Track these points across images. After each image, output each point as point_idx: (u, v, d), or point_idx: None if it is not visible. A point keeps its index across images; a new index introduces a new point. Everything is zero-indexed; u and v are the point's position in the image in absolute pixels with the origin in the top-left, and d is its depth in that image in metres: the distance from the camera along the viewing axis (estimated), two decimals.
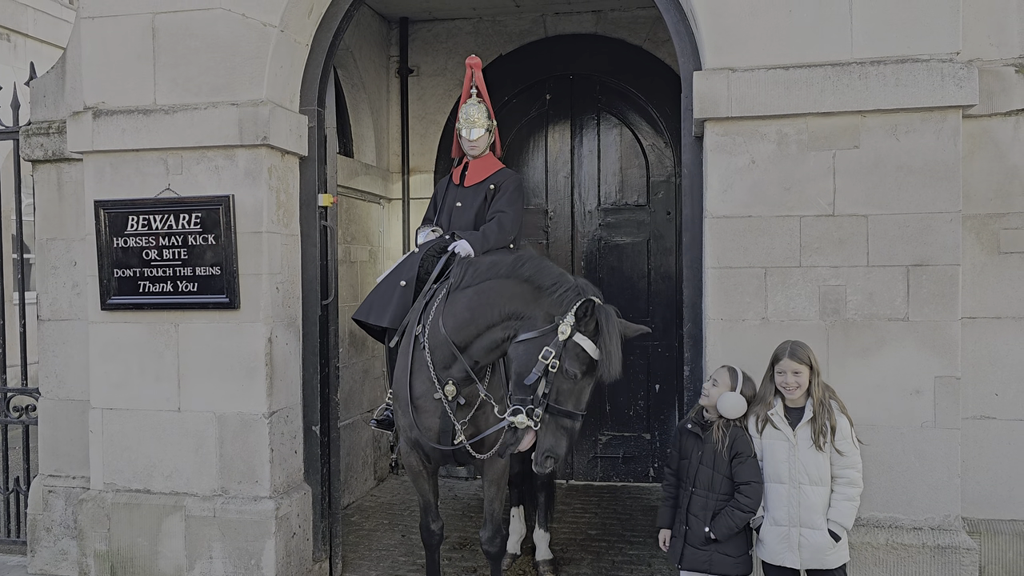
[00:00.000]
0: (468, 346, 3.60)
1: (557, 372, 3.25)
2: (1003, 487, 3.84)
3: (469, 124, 4.48)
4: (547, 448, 3.27)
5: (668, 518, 3.50)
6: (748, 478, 3.28)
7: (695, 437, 3.41)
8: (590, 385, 3.33)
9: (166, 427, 4.33)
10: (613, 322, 3.27)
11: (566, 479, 6.45)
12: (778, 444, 3.28)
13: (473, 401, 3.72)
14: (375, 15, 6.63)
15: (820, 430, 3.22)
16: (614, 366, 3.24)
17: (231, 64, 4.21)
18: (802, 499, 3.22)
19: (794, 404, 3.30)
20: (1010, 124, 3.80)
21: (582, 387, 3.31)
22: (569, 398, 3.28)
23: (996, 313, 3.82)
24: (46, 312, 4.78)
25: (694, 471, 3.37)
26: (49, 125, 4.71)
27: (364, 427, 6.32)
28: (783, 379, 3.28)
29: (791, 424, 3.27)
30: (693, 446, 3.40)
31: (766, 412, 3.31)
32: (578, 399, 3.30)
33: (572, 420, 3.28)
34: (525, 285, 3.47)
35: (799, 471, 3.23)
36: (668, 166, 6.39)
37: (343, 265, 5.78)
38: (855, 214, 3.66)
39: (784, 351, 3.31)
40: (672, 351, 6.30)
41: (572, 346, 3.25)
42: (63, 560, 4.73)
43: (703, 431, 3.38)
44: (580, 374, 3.26)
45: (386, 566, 4.85)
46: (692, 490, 3.36)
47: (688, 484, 3.38)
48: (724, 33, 3.76)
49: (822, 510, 3.23)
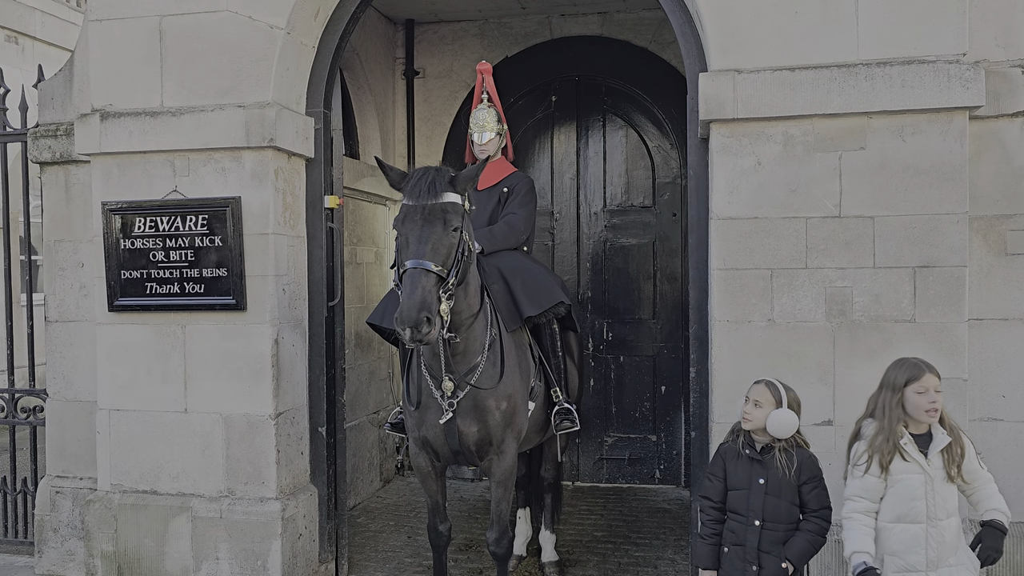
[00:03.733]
0: None
1: (397, 239, 3.44)
2: (1010, 489, 3.79)
3: (479, 128, 4.50)
4: (396, 314, 3.24)
5: (712, 558, 3.13)
6: (824, 503, 3.04)
7: (753, 463, 3.08)
8: (414, 229, 3.34)
9: (173, 428, 4.35)
10: (422, 168, 3.49)
11: (572, 481, 6.45)
12: (912, 478, 2.86)
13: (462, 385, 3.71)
14: (381, 17, 6.64)
15: (954, 457, 2.87)
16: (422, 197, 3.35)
17: (238, 66, 4.23)
18: (941, 537, 2.87)
19: (919, 430, 2.92)
20: (1017, 125, 3.78)
21: (407, 235, 3.35)
22: (404, 251, 3.35)
23: (1003, 315, 3.81)
24: (53, 313, 4.80)
25: (759, 502, 3.04)
26: (57, 127, 4.73)
27: (370, 428, 6.33)
28: (926, 399, 2.85)
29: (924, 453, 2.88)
30: (752, 474, 3.08)
31: (896, 441, 2.87)
32: (407, 248, 3.32)
33: (406, 271, 3.25)
34: None
35: (938, 506, 2.86)
36: (674, 168, 6.39)
37: (349, 266, 5.80)
38: (861, 215, 3.65)
39: (921, 368, 2.90)
40: (678, 353, 6.30)
41: (400, 208, 3.47)
42: (70, 561, 4.75)
43: (762, 455, 3.07)
44: (400, 223, 3.39)
45: (392, 567, 4.86)
46: (761, 524, 3.03)
47: (753, 517, 3.03)
48: (730, 35, 3.76)
49: (955, 547, 2.91)
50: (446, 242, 3.36)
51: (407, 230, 3.36)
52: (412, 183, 3.43)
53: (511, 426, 3.84)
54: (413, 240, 3.33)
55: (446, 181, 3.44)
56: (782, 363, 3.71)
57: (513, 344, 3.94)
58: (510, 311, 3.99)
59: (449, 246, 3.38)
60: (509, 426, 3.83)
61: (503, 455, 3.84)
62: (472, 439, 3.77)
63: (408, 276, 3.25)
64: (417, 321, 3.15)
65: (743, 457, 3.12)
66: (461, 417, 3.71)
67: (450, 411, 3.67)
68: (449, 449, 3.82)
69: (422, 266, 3.25)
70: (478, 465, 3.97)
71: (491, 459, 3.84)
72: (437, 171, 3.46)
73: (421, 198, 3.38)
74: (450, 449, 3.81)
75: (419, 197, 3.38)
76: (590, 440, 6.45)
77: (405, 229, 3.37)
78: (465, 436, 3.76)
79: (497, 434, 3.78)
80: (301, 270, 4.49)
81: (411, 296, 3.18)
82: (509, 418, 3.82)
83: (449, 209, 3.40)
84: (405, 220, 3.38)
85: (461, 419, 3.71)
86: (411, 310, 3.16)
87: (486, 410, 3.74)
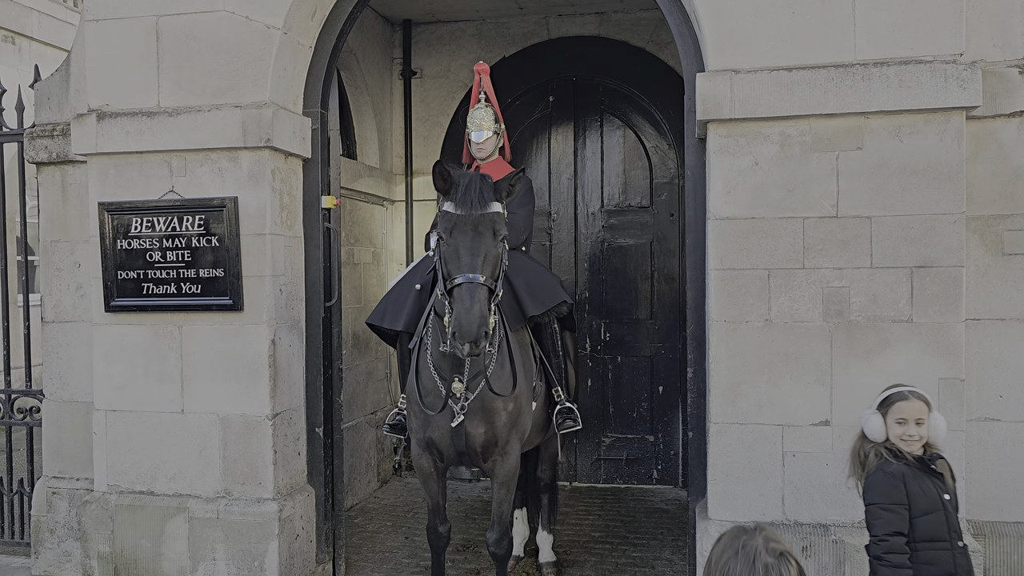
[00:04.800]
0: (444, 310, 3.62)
1: (438, 245, 3.37)
2: (1008, 489, 3.83)
3: (476, 127, 4.50)
4: (451, 325, 3.23)
5: None
6: None
7: (934, 480, 2.83)
8: (464, 241, 3.30)
9: (170, 429, 4.34)
10: (465, 175, 3.38)
11: (569, 481, 6.45)
12: None
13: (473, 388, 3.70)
14: (378, 17, 6.64)
15: None
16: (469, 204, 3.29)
17: (235, 66, 4.22)
18: None
19: None
20: (1014, 125, 3.79)
21: (456, 247, 3.30)
22: (453, 263, 3.30)
23: (1000, 315, 3.81)
24: (50, 314, 4.79)
25: (953, 520, 2.81)
26: (53, 127, 4.72)
27: (367, 429, 6.33)
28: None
29: None
30: (933, 491, 2.81)
31: None
32: (458, 260, 3.28)
33: (459, 287, 3.22)
34: None
35: None
36: (671, 168, 6.39)
37: (346, 267, 5.79)
38: (858, 216, 3.65)
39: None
40: (675, 353, 6.30)
41: (441, 215, 3.38)
42: (67, 562, 4.74)
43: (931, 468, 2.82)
44: (446, 233, 3.32)
45: (389, 568, 4.85)
46: (960, 544, 2.81)
47: (955, 538, 2.80)
48: (727, 35, 3.76)
49: None
50: (494, 253, 3.36)
51: (458, 241, 3.31)
52: (461, 192, 3.35)
53: (516, 427, 3.86)
54: (465, 252, 3.28)
55: (492, 190, 3.40)
56: (779, 363, 3.72)
57: (517, 344, 3.94)
58: (513, 311, 4.00)
59: (496, 257, 3.38)
60: (514, 427, 3.85)
61: (507, 456, 3.86)
62: (479, 441, 3.79)
63: (465, 291, 3.22)
64: (477, 336, 3.18)
65: (922, 475, 2.79)
66: (469, 419, 3.71)
67: (462, 414, 3.68)
68: (455, 450, 3.82)
69: (476, 280, 3.23)
70: (481, 466, 3.97)
71: (495, 460, 3.85)
72: (482, 179, 3.41)
73: (472, 208, 3.31)
74: (456, 450, 3.82)
75: (469, 207, 3.32)
76: (588, 440, 6.45)
77: (455, 240, 3.31)
78: (472, 438, 3.77)
79: (503, 435, 3.80)
80: (298, 270, 4.49)
81: (470, 311, 3.18)
82: (515, 419, 3.84)
83: (496, 219, 3.37)
84: (454, 230, 3.31)
85: (469, 421, 3.72)
86: (471, 325, 3.16)
87: (494, 412, 3.76)
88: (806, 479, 3.70)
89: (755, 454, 3.74)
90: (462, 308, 3.19)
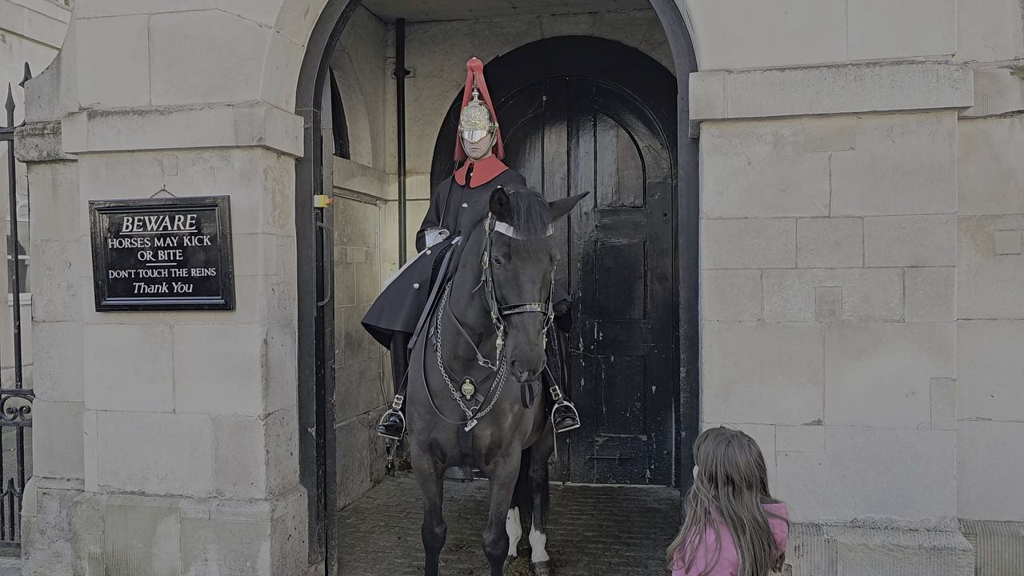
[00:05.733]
0: (465, 317, 3.62)
1: (490, 267, 3.28)
2: (999, 488, 3.84)
3: (471, 126, 4.49)
4: (510, 353, 3.19)
5: None
6: None
7: None
8: (526, 269, 3.24)
9: (161, 429, 4.32)
10: (523, 196, 3.29)
11: (562, 480, 6.44)
12: None
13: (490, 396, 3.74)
14: (371, 16, 6.62)
15: None
16: (535, 234, 3.22)
17: (227, 65, 4.20)
18: None
19: None
20: (1005, 126, 3.80)
21: (515, 273, 3.23)
22: (511, 289, 3.24)
23: (991, 314, 3.83)
24: (41, 313, 4.76)
25: None
26: (44, 126, 4.70)
27: (360, 429, 6.31)
28: None
29: None
30: None
31: None
32: (519, 288, 3.22)
33: (520, 316, 3.18)
34: (476, 230, 3.56)
35: None
36: (664, 168, 6.39)
37: (339, 266, 5.78)
38: (851, 215, 3.66)
39: None
40: (668, 352, 6.30)
41: (495, 236, 3.29)
42: (57, 563, 4.71)
43: None
44: (503, 257, 3.24)
45: (382, 568, 4.84)
46: None
47: None
48: (720, 35, 3.76)
49: None
50: (547, 278, 3.34)
51: (516, 268, 3.25)
52: (521, 217, 3.26)
53: (519, 428, 3.89)
54: (527, 280, 3.23)
55: (548, 213, 3.35)
56: (772, 363, 3.72)
57: None
58: None
59: (549, 281, 3.36)
60: (518, 429, 3.88)
61: (509, 457, 3.89)
62: (485, 443, 3.81)
63: (529, 319, 3.19)
64: (537, 366, 3.18)
65: None
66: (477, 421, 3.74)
67: (475, 419, 3.70)
68: (459, 452, 3.83)
69: (536, 311, 3.21)
70: (483, 468, 3.98)
71: (497, 461, 3.88)
72: (540, 203, 3.34)
73: (532, 233, 3.24)
74: (460, 452, 3.83)
75: (529, 232, 3.24)
76: (581, 440, 6.45)
77: (513, 267, 3.25)
78: (479, 439, 3.79)
79: (507, 437, 3.83)
80: (291, 270, 4.47)
81: (535, 343, 3.17)
82: (518, 421, 3.87)
83: (552, 244, 3.34)
84: (513, 256, 3.24)
85: (477, 423, 3.74)
86: (534, 357, 3.16)
87: (501, 414, 3.79)
88: (798, 479, 3.71)
89: None
90: (524, 339, 3.16)
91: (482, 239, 3.47)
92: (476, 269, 3.51)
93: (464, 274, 3.66)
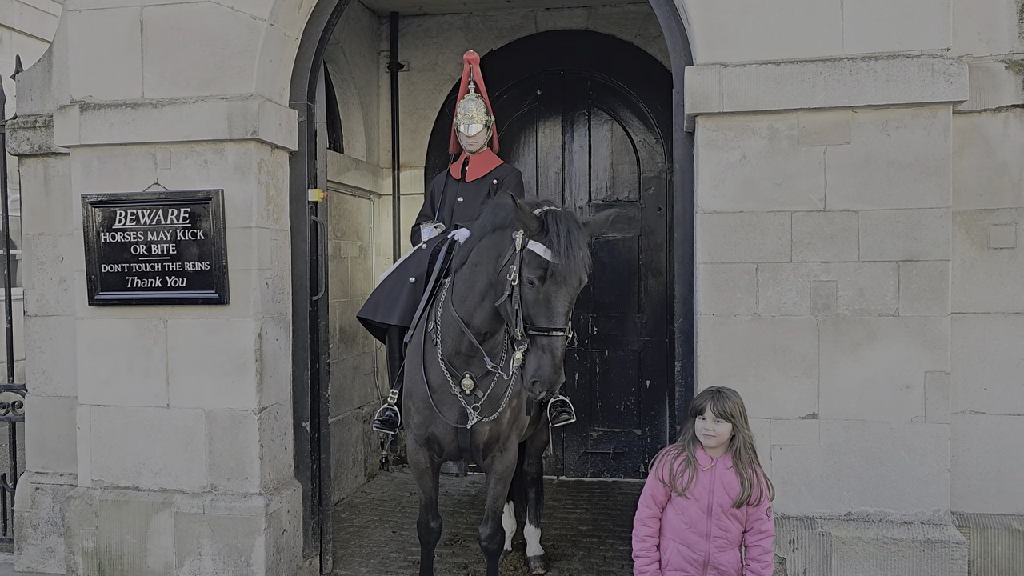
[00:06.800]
0: (472, 318, 3.60)
1: (519, 285, 3.22)
2: (992, 481, 3.86)
3: (467, 120, 4.48)
4: (531, 373, 3.16)
5: None
6: None
7: None
8: (559, 293, 3.20)
9: (155, 424, 4.30)
10: (561, 217, 3.23)
11: (557, 475, 6.45)
12: None
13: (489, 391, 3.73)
14: (365, 10, 6.60)
15: None
16: (574, 261, 3.17)
17: (220, 58, 4.18)
18: None
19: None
20: (999, 120, 3.81)
21: (548, 296, 3.19)
22: (540, 311, 3.19)
23: (985, 308, 3.84)
24: (33, 308, 4.74)
25: None
26: (36, 119, 4.66)
27: (355, 423, 6.30)
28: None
29: None
30: None
31: None
32: (549, 311, 3.18)
33: (548, 338, 3.16)
34: (495, 234, 3.48)
35: None
36: (659, 162, 6.39)
37: (333, 261, 5.76)
38: (846, 209, 3.66)
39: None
40: (663, 347, 6.31)
41: (527, 254, 3.21)
42: (51, 558, 4.70)
43: None
44: (537, 280, 3.18)
45: (377, 562, 4.84)
46: None
47: None
48: (715, 28, 3.75)
49: None
50: (575, 299, 3.30)
51: (551, 291, 3.19)
52: (562, 242, 3.18)
53: (516, 423, 3.90)
54: (559, 303, 3.19)
55: (583, 233, 3.28)
56: (767, 357, 3.73)
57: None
58: None
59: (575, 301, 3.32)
60: (515, 423, 3.89)
61: (506, 452, 3.90)
62: (483, 438, 3.81)
63: (557, 343, 3.16)
64: (557, 388, 3.20)
65: None
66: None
67: (476, 415, 3.70)
68: (456, 446, 3.83)
69: (561, 335, 3.19)
70: (479, 462, 3.98)
71: (494, 456, 3.88)
72: (577, 226, 3.26)
73: (569, 258, 3.18)
74: (457, 446, 3.83)
75: (569, 258, 3.18)
76: (575, 434, 6.45)
77: (547, 290, 3.19)
78: (478, 434, 3.79)
79: (505, 432, 3.83)
80: (285, 264, 4.46)
81: (559, 366, 3.17)
82: (516, 415, 3.88)
83: (585, 265, 3.27)
84: (549, 280, 3.18)
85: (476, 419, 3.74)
86: (556, 379, 3.16)
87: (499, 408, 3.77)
88: (793, 472, 3.72)
89: None
90: (549, 362, 3.14)
91: (502, 247, 3.40)
92: (491, 275, 3.46)
93: (475, 274, 3.59)
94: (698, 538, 2.96)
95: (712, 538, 2.95)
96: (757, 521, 2.95)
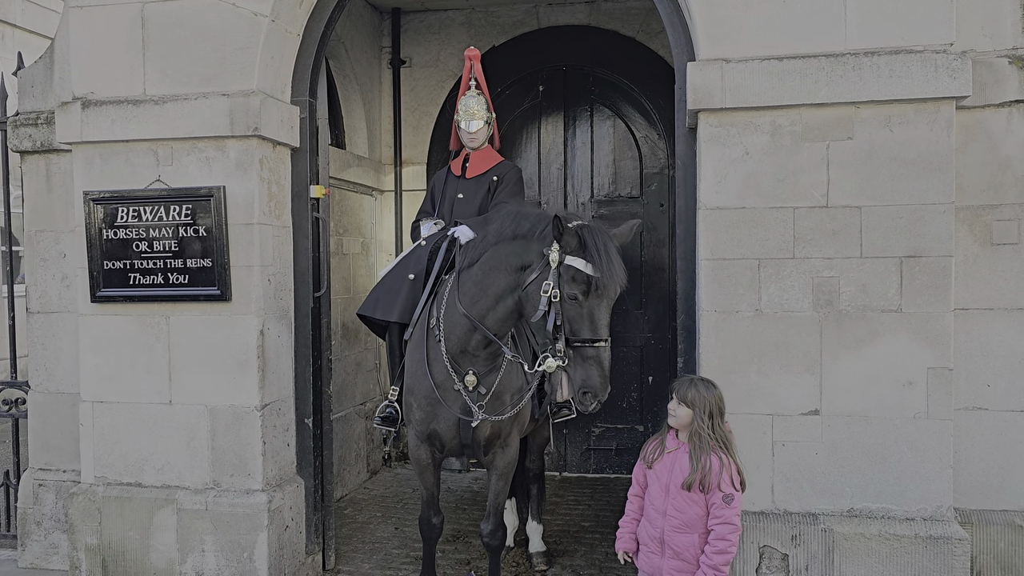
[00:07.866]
0: (484, 319, 3.60)
1: (560, 301, 3.24)
2: (995, 478, 3.86)
3: (468, 116, 4.47)
4: (580, 384, 3.23)
5: None
6: None
7: None
8: (601, 305, 3.25)
9: (157, 420, 4.31)
10: (596, 231, 3.26)
11: (559, 471, 6.46)
12: None
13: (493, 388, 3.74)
14: (367, 6, 6.59)
15: None
16: (615, 274, 3.21)
17: (222, 54, 4.17)
18: None
19: None
20: (1003, 116, 3.80)
21: (591, 309, 3.24)
22: (583, 324, 3.23)
23: (988, 304, 3.83)
24: (35, 304, 4.74)
25: None
26: (37, 116, 4.67)
27: (357, 420, 6.31)
28: None
29: None
30: None
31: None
32: (593, 323, 3.23)
33: (595, 349, 3.22)
34: (516, 242, 3.48)
35: None
36: (661, 158, 6.38)
37: (335, 257, 5.76)
38: (849, 205, 3.65)
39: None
40: (665, 343, 6.30)
41: (565, 270, 3.24)
42: (54, 554, 4.71)
43: None
44: (580, 295, 3.22)
45: (379, 559, 4.85)
46: None
47: None
48: (718, 24, 3.74)
49: None
50: None
51: (592, 306, 3.24)
52: (602, 256, 3.22)
53: (518, 419, 3.91)
54: (601, 315, 3.25)
55: (616, 246, 3.31)
56: (769, 353, 3.72)
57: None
58: None
59: None
60: (516, 419, 3.90)
61: (508, 448, 3.90)
62: (485, 434, 3.82)
63: (604, 354, 3.24)
64: (605, 397, 3.28)
65: None
66: None
67: (481, 412, 3.71)
68: (458, 442, 3.84)
69: (609, 343, 3.26)
70: (481, 458, 3.98)
71: (496, 452, 3.89)
72: (610, 237, 3.31)
73: (611, 274, 3.22)
74: (459, 442, 3.83)
75: (611, 271, 3.22)
76: (577, 431, 6.46)
77: (590, 304, 3.24)
78: (478, 430, 3.80)
79: (507, 428, 3.85)
80: (287, 260, 4.46)
81: (607, 376, 3.26)
82: (517, 412, 3.84)
83: (623, 278, 3.30)
84: (591, 294, 3.23)
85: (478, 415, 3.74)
86: (606, 390, 3.27)
87: (503, 405, 3.79)
88: (795, 468, 3.72)
89: (745, 444, 3.73)
90: (598, 372, 3.22)
91: (526, 258, 3.40)
92: (510, 282, 3.47)
93: (488, 277, 3.57)
94: (656, 515, 3.18)
95: (667, 516, 3.13)
96: (713, 506, 3.08)
